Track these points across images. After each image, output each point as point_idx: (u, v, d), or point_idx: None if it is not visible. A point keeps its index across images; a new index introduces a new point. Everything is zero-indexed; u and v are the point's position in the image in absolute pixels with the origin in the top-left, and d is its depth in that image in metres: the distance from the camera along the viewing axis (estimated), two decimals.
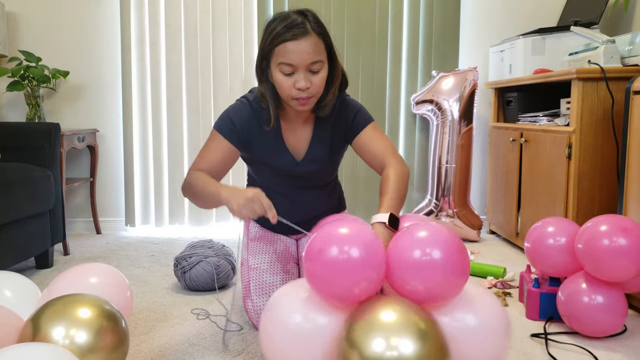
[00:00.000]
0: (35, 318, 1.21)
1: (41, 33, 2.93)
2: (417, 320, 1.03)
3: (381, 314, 1.04)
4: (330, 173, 1.67)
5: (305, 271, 1.12)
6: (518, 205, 2.49)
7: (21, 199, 1.99)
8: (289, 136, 1.56)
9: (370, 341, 1.00)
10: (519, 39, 2.41)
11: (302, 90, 1.36)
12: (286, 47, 1.33)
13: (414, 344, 0.99)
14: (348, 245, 1.07)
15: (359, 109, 1.59)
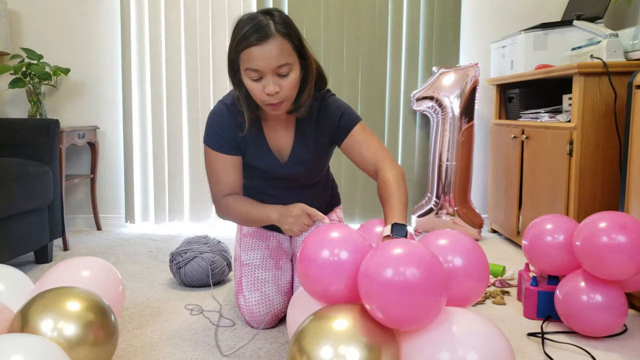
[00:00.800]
0: (24, 310, 1.21)
1: (43, 30, 2.94)
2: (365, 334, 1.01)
3: (334, 321, 1.04)
4: (318, 173, 1.62)
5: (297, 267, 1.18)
6: (519, 203, 2.46)
7: (17, 194, 1.99)
8: (271, 138, 1.52)
9: (319, 348, 1.01)
10: (521, 35, 2.38)
11: (271, 96, 1.32)
12: (251, 52, 1.28)
13: (362, 355, 0.98)
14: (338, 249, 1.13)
15: (344, 110, 1.50)
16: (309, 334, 1.04)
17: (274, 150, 1.53)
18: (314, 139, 1.52)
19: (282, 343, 1.48)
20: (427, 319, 1.01)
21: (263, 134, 1.51)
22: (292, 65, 1.32)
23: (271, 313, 1.57)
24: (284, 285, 1.62)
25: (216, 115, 1.50)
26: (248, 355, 1.40)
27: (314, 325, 1.06)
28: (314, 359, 1.00)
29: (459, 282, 1.20)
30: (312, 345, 1.02)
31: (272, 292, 1.58)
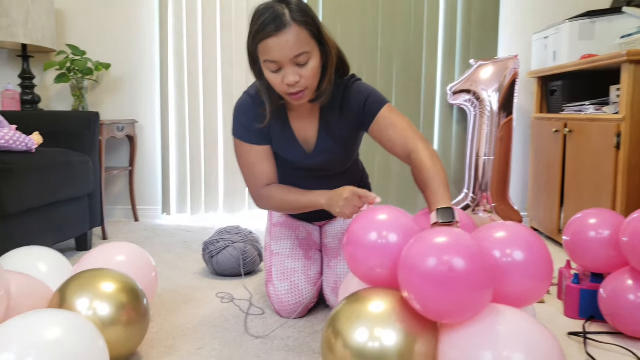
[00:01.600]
0: (62, 289, 1.24)
1: (86, 28, 3.03)
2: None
3: (370, 303, 1.02)
4: (345, 162, 1.58)
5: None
6: (561, 199, 2.37)
7: (61, 182, 2.06)
8: (297, 127, 1.50)
9: (354, 330, 0.99)
10: (565, 24, 2.29)
11: (291, 86, 1.30)
12: (267, 44, 1.26)
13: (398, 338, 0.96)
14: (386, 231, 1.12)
15: (369, 94, 1.45)
16: (344, 316, 1.03)
17: (300, 140, 1.51)
18: (338, 127, 1.49)
19: (311, 333, 1.47)
20: (468, 313, 0.96)
21: (289, 124, 1.49)
22: (310, 53, 1.29)
23: (300, 303, 1.56)
24: (313, 275, 1.60)
25: (241, 106, 1.49)
26: (276, 344, 1.39)
27: (349, 308, 1.04)
28: (349, 341, 0.98)
29: (515, 280, 1.08)
30: (346, 327, 1.00)
31: (301, 282, 1.57)
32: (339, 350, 1.00)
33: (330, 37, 1.35)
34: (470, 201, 2.68)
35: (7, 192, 1.75)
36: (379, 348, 0.96)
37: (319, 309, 1.65)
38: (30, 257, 1.49)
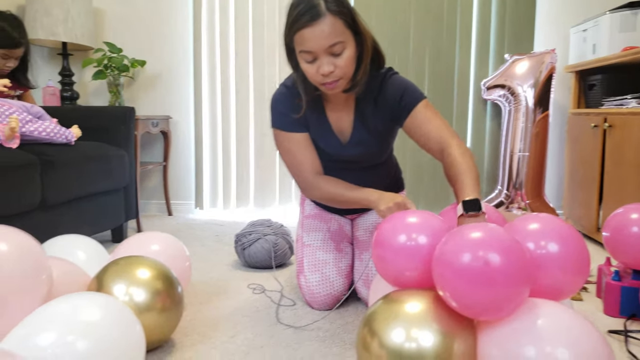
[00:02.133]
0: (99, 275, 1.28)
1: (123, 26, 3.11)
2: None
3: (406, 304, 1.01)
4: (379, 154, 1.58)
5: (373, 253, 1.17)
6: (599, 197, 2.31)
7: (98, 174, 2.11)
8: (333, 118, 1.50)
9: (390, 330, 0.98)
10: (605, 15, 2.23)
11: (326, 76, 1.30)
12: (302, 35, 1.26)
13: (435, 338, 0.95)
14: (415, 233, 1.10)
15: (406, 88, 1.43)
16: (380, 316, 1.02)
17: (336, 131, 1.51)
18: (373, 119, 1.48)
19: (341, 324, 1.47)
20: (505, 309, 0.93)
21: (325, 115, 1.50)
22: (345, 43, 1.28)
23: (331, 294, 1.56)
24: (344, 267, 1.60)
25: (278, 97, 1.50)
26: (307, 335, 1.40)
27: (385, 308, 1.03)
28: (386, 341, 0.97)
29: (550, 273, 1.04)
30: (383, 327, 0.99)
31: (332, 273, 1.57)
32: (375, 350, 0.99)
33: (366, 27, 1.35)
34: (504, 198, 2.63)
35: (48, 183, 1.81)
36: (416, 349, 0.95)
37: (350, 301, 1.65)
38: (70, 245, 1.54)
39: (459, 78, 2.83)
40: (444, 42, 2.81)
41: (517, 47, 2.74)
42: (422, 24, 2.82)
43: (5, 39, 1.95)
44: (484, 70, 2.80)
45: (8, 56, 1.99)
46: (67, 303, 1.04)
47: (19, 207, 1.67)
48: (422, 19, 2.82)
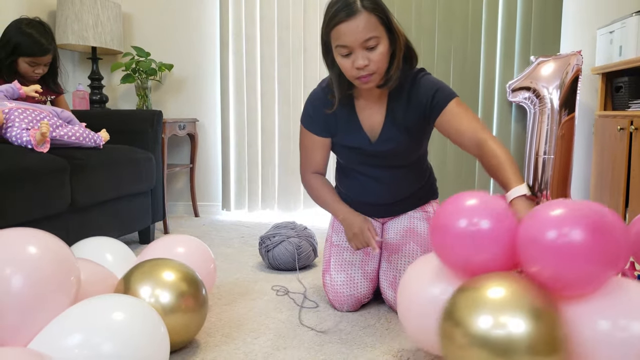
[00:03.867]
0: (126, 277, 1.32)
1: (150, 30, 3.18)
2: (530, 300, 0.94)
3: (488, 289, 0.98)
4: (409, 154, 1.60)
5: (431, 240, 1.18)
6: (626, 200, 2.27)
7: (126, 177, 2.18)
8: (363, 116, 1.55)
9: (475, 317, 0.95)
10: (633, 17, 2.19)
11: (361, 69, 1.36)
12: (339, 30, 1.34)
13: (526, 324, 0.91)
14: (477, 217, 1.08)
15: (438, 87, 1.48)
16: (462, 305, 0.99)
17: (366, 128, 1.56)
18: (404, 117, 1.52)
19: (364, 327, 1.49)
20: (594, 284, 0.95)
21: (355, 113, 1.56)
22: (379, 38, 1.35)
23: (354, 296, 1.58)
24: (370, 271, 1.62)
25: (312, 97, 1.60)
26: (329, 337, 1.42)
27: (466, 296, 1.00)
28: (472, 330, 0.94)
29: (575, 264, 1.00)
30: (466, 316, 0.96)
31: (357, 275, 1.60)
32: (459, 340, 0.96)
33: (399, 26, 1.42)
34: None
35: (77, 186, 1.87)
36: (505, 334, 0.92)
37: (373, 304, 1.67)
38: (98, 247, 1.59)
39: (485, 80, 2.81)
40: (469, 44, 2.80)
41: (542, 49, 2.70)
42: (448, 26, 2.81)
43: (33, 46, 2.01)
44: (509, 73, 2.77)
45: (36, 63, 2.05)
46: (94, 305, 1.08)
47: (49, 209, 1.73)
48: (447, 20, 2.81)
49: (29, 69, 2.05)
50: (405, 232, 1.66)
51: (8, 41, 2.00)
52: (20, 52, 2.00)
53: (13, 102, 1.90)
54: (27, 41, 1.99)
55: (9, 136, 1.79)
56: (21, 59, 2.02)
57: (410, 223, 1.69)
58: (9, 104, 1.86)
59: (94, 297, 1.12)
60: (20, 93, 1.95)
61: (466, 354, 0.95)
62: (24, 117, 1.83)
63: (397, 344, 1.38)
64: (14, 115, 1.82)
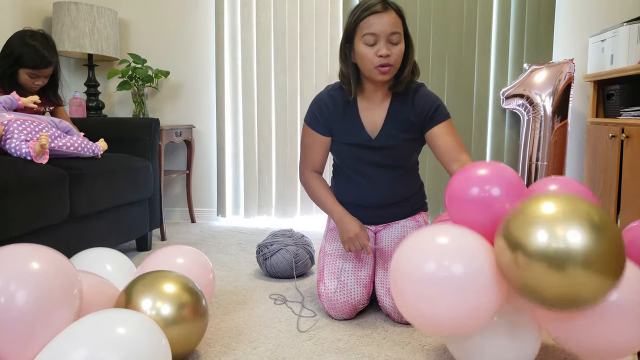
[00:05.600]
0: (128, 289, 1.34)
1: (147, 37, 3.19)
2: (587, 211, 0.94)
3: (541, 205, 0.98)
4: (405, 154, 1.71)
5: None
6: (617, 206, 2.31)
7: (124, 186, 2.19)
8: (365, 115, 1.68)
9: (531, 234, 0.95)
10: (623, 27, 2.23)
11: (383, 57, 1.53)
12: (369, 20, 1.52)
13: (585, 235, 0.91)
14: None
15: (440, 103, 1.66)
16: (516, 225, 0.99)
17: (367, 127, 1.68)
18: (406, 118, 1.66)
19: (361, 336, 1.51)
20: None
21: (357, 113, 1.69)
22: (401, 36, 1.56)
23: (349, 303, 1.61)
24: (364, 277, 1.65)
25: (317, 99, 1.73)
26: (327, 346, 1.44)
27: (519, 216, 1.00)
28: (530, 246, 0.94)
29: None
30: (523, 234, 0.96)
31: (350, 281, 1.62)
32: (521, 261, 0.97)
33: (412, 40, 1.64)
34: None
35: (76, 196, 1.88)
36: (564, 247, 0.92)
37: (370, 312, 1.70)
38: (98, 258, 1.61)
39: (479, 87, 2.85)
40: (464, 52, 2.83)
41: (535, 57, 2.74)
42: (442, 34, 2.84)
43: (35, 58, 2.02)
44: (503, 80, 2.81)
45: (37, 75, 2.06)
46: (97, 320, 1.10)
47: (49, 219, 1.74)
48: (442, 28, 2.84)
49: (29, 80, 2.06)
50: (399, 240, 1.72)
51: (11, 52, 2.01)
52: (22, 63, 2.01)
53: (12, 113, 1.91)
54: (30, 53, 2.00)
55: (8, 148, 1.81)
56: (22, 70, 2.03)
57: (404, 231, 1.75)
58: (8, 115, 1.88)
59: (97, 312, 1.13)
60: (19, 104, 1.96)
61: (528, 272, 0.96)
62: (23, 129, 1.85)
63: (395, 353, 1.41)
64: (12, 126, 1.83)
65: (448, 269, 1.08)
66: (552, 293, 0.95)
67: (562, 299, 0.95)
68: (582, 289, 0.93)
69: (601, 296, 0.95)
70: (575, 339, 1.13)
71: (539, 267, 0.94)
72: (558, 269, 0.93)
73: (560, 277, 0.93)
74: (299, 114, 3.05)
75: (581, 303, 0.95)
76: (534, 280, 0.96)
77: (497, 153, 2.86)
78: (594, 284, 0.92)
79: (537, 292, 0.97)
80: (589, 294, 0.94)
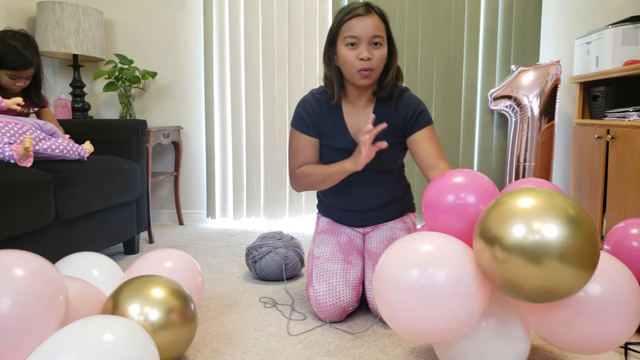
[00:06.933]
0: (115, 295, 1.32)
1: (133, 37, 3.16)
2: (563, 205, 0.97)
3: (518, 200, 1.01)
4: (390, 159, 1.71)
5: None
6: (603, 207, 2.33)
7: (111, 189, 2.17)
8: (350, 120, 1.69)
9: (509, 228, 0.97)
10: (608, 29, 2.25)
11: (364, 61, 1.53)
12: (351, 23, 1.54)
13: (561, 229, 0.93)
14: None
15: (424, 109, 1.68)
16: (493, 219, 1.01)
17: (352, 131, 1.68)
18: (390, 123, 1.66)
19: (351, 339, 1.51)
20: None
21: (342, 118, 1.69)
22: (383, 39, 1.56)
23: (338, 305, 1.60)
24: (353, 279, 1.65)
25: (303, 102, 1.73)
26: (318, 350, 1.44)
27: (495, 212, 1.02)
28: (507, 240, 0.96)
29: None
30: (500, 228, 0.98)
31: (339, 284, 1.62)
32: (498, 255, 0.99)
33: (395, 45, 1.64)
34: None
35: (62, 200, 1.86)
36: (541, 241, 0.94)
37: (360, 314, 1.69)
38: (83, 263, 1.59)
39: (467, 89, 2.86)
40: (452, 54, 2.84)
41: (523, 59, 2.76)
42: (431, 36, 2.85)
43: (16, 59, 1.97)
44: (490, 81, 2.83)
45: (17, 76, 2.00)
46: (84, 327, 1.08)
47: (35, 224, 1.72)
48: (430, 31, 2.85)
49: (10, 82, 2.02)
50: (388, 241, 1.73)
51: None
52: (3, 64, 1.97)
53: None
54: (9, 54, 1.96)
55: None
56: (2, 71, 1.99)
57: (392, 233, 1.77)
58: None
59: (83, 319, 1.12)
60: (2, 106, 1.93)
61: (507, 266, 0.98)
62: (6, 132, 1.81)
63: (385, 355, 1.41)
64: None
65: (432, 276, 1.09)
66: (531, 286, 0.97)
67: (541, 292, 0.98)
68: (559, 281, 0.95)
69: (578, 287, 0.98)
70: (560, 334, 1.15)
71: (517, 261, 0.97)
72: (535, 262, 0.95)
73: (538, 270, 0.95)
74: (288, 115, 3.05)
75: (560, 295, 0.98)
76: (513, 274, 0.98)
77: (485, 154, 2.87)
78: (571, 276, 0.95)
79: (517, 286, 0.99)
80: (567, 286, 0.96)
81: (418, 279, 1.09)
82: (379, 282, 1.17)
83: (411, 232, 1.80)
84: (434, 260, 1.10)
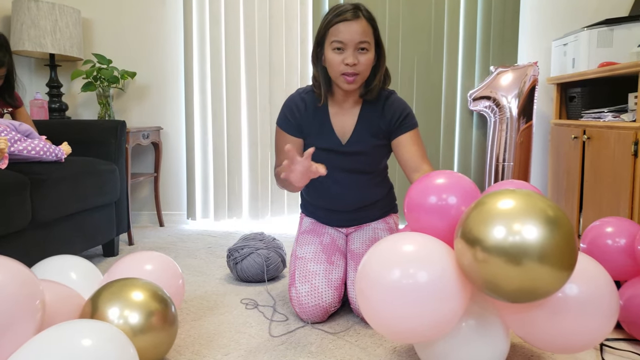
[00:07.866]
0: (94, 298, 1.30)
1: (112, 37, 3.12)
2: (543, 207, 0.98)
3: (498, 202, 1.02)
4: (375, 160, 1.73)
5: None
6: (580, 205, 2.38)
7: (89, 190, 2.13)
8: (336, 120, 1.70)
9: (489, 230, 0.98)
10: (584, 31, 2.30)
11: (349, 66, 1.53)
12: (338, 27, 1.53)
13: (540, 230, 0.95)
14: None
15: (410, 112, 1.69)
16: (474, 220, 1.02)
17: (337, 132, 1.70)
18: (377, 124, 1.68)
19: (333, 339, 1.51)
20: None
21: (328, 118, 1.69)
22: (370, 46, 1.56)
23: (320, 306, 1.61)
24: (335, 280, 1.65)
25: (288, 102, 1.73)
26: (299, 350, 1.44)
27: (476, 213, 1.03)
28: (488, 242, 0.98)
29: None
30: (481, 229, 1.00)
31: (322, 284, 1.62)
32: (480, 256, 1.00)
33: (384, 48, 1.63)
34: None
35: (39, 201, 1.83)
36: (521, 242, 0.96)
37: (342, 314, 1.70)
38: (61, 266, 1.56)
39: (447, 89, 2.89)
40: (432, 55, 2.87)
41: (501, 60, 2.80)
42: (411, 37, 2.87)
43: None
44: (470, 82, 2.86)
45: None
46: (61, 332, 1.06)
47: (10, 227, 1.68)
48: (411, 32, 2.87)
49: None
50: (371, 242, 1.73)
51: None
52: None
53: None
54: None
55: None
56: None
57: (374, 233, 1.77)
58: None
59: (61, 324, 1.10)
60: None
61: (487, 266, 1.00)
62: None
63: (367, 355, 1.41)
64: None
65: (413, 276, 1.09)
66: (511, 286, 0.99)
67: (520, 292, 0.99)
68: (538, 281, 0.97)
69: (557, 288, 1.00)
70: (539, 334, 1.17)
71: (498, 262, 0.98)
72: (515, 263, 0.97)
73: (517, 270, 0.97)
74: (270, 115, 3.04)
75: (539, 295, 1.00)
76: (493, 275, 1.00)
77: (465, 154, 2.90)
78: (550, 276, 0.97)
79: (498, 286, 1.01)
80: (546, 286, 0.98)
81: (400, 279, 1.09)
82: (361, 282, 1.17)
83: (394, 232, 1.81)
84: (415, 260, 1.11)
